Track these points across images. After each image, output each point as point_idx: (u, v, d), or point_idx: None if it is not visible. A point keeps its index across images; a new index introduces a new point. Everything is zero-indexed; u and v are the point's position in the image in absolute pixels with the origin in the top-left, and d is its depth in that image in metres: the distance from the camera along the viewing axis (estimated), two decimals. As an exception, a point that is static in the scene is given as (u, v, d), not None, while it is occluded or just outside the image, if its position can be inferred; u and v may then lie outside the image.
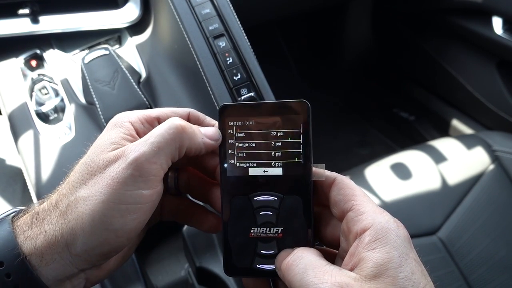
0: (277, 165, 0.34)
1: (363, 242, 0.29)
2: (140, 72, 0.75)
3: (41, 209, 0.33)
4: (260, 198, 0.34)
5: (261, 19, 1.29)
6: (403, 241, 0.29)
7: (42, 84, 0.72)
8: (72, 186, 0.32)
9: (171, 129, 0.32)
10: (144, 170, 0.31)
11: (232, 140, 0.35)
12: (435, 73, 1.41)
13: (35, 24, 0.76)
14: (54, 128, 0.69)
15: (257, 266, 0.34)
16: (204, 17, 0.62)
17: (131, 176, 0.31)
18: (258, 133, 0.35)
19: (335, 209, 0.33)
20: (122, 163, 0.31)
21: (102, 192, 0.30)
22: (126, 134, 0.34)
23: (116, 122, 0.35)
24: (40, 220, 0.32)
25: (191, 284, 0.63)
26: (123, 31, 0.81)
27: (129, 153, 0.31)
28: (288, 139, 0.34)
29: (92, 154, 0.33)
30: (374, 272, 0.27)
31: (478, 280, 0.78)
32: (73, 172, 0.34)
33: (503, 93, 1.18)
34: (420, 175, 0.90)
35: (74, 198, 0.31)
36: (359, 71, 1.74)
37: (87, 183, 0.31)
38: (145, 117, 0.36)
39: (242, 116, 0.35)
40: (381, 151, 1.48)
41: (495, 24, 1.12)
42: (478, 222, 0.83)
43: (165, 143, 0.32)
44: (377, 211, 0.31)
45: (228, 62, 0.59)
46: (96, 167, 0.32)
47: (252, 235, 0.34)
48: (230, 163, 0.35)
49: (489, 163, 0.90)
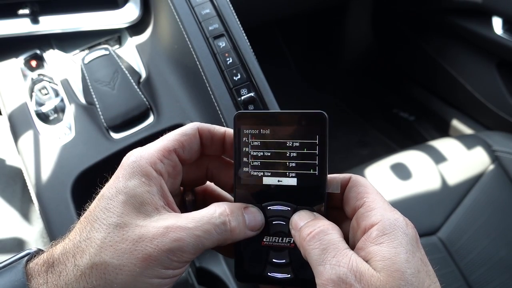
0: (291, 175, 0.34)
1: (371, 237, 0.29)
2: (140, 72, 0.75)
3: (56, 259, 0.30)
4: (274, 207, 0.34)
5: (261, 20, 1.29)
6: (411, 240, 0.29)
7: (42, 84, 0.72)
8: (96, 245, 0.29)
9: (220, 229, 0.31)
10: (183, 257, 0.30)
11: (247, 148, 0.35)
12: (435, 73, 1.41)
13: (35, 24, 0.76)
14: (54, 128, 0.69)
15: (269, 274, 0.34)
16: (204, 17, 0.62)
17: (167, 259, 0.29)
18: (273, 142, 0.34)
19: (347, 206, 0.33)
20: (161, 245, 0.29)
21: (137, 265, 0.29)
22: (155, 189, 0.32)
23: (137, 168, 0.32)
24: (57, 275, 0.29)
25: (191, 284, 0.63)
26: (123, 31, 0.81)
27: (170, 239, 0.29)
28: (304, 150, 0.33)
29: (121, 211, 0.30)
30: (382, 265, 0.28)
31: (478, 280, 0.78)
32: (95, 224, 0.30)
33: (503, 93, 1.18)
34: (420, 175, 0.90)
35: (100, 261, 0.29)
36: (359, 71, 1.74)
37: (116, 248, 0.29)
38: (162, 153, 0.33)
39: (258, 125, 0.34)
40: (381, 151, 1.48)
41: (495, 24, 1.12)
42: (478, 222, 0.83)
43: (210, 242, 0.31)
44: (387, 209, 0.31)
45: (228, 62, 0.59)
46: (129, 236, 0.29)
47: (264, 243, 0.34)
48: (244, 171, 0.35)
49: (489, 163, 0.90)
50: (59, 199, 0.61)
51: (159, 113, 0.69)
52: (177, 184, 0.36)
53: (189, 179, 0.37)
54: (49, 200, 0.62)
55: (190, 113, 0.68)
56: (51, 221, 0.60)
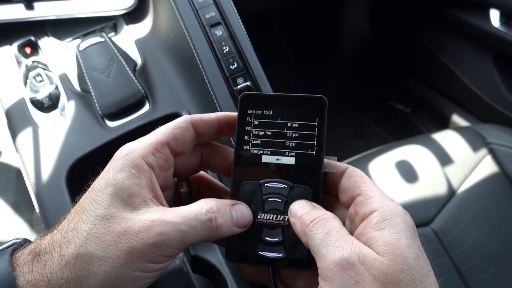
0: (290, 154, 0.35)
1: (371, 222, 0.30)
2: (135, 60, 0.74)
3: (42, 248, 0.30)
4: (270, 184, 0.35)
5: (258, 8, 1.29)
6: (410, 226, 0.30)
7: (36, 71, 0.72)
8: (82, 236, 0.30)
9: (206, 226, 0.32)
10: (167, 251, 0.30)
11: (249, 127, 0.36)
12: (432, 65, 1.41)
13: (30, 10, 0.75)
14: (49, 116, 0.69)
15: (260, 252, 0.34)
16: (201, 5, 0.62)
17: (151, 253, 0.30)
18: (275, 123, 0.36)
19: (344, 195, 0.34)
20: (145, 238, 0.29)
21: (120, 257, 0.29)
22: (144, 181, 0.32)
23: (128, 161, 0.32)
24: (42, 264, 0.30)
25: (185, 273, 0.63)
26: (118, 19, 0.80)
27: (155, 233, 0.30)
28: (303, 131, 0.35)
29: (108, 203, 0.31)
30: (384, 250, 0.28)
31: (470, 271, 0.79)
32: (82, 215, 0.31)
33: (499, 86, 1.18)
34: (414, 166, 0.90)
35: (85, 251, 0.29)
36: (355, 62, 1.74)
37: (101, 239, 0.29)
38: (155, 146, 0.34)
39: (262, 106, 0.36)
40: (376, 142, 1.49)
41: (493, 16, 1.12)
42: (471, 213, 0.84)
43: (195, 238, 0.31)
44: (385, 197, 0.32)
45: (225, 51, 0.59)
46: (115, 228, 0.30)
47: (258, 220, 0.35)
48: (245, 148, 0.36)
49: (483, 156, 0.91)
50: (54, 187, 0.61)
51: (154, 102, 0.69)
52: (169, 177, 0.36)
53: (184, 169, 0.38)
54: (44, 188, 0.62)
55: (186, 102, 0.68)
56: (45, 209, 0.60)
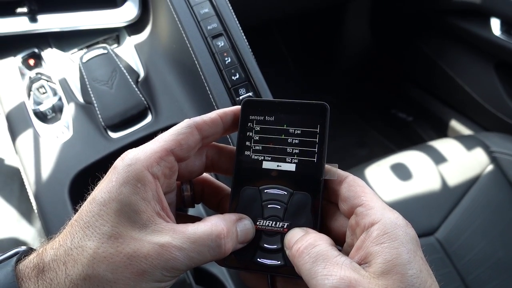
0: (291, 161, 0.35)
1: (371, 236, 0.29)
2: (138, 72, 0.75)
3: (46, 264, 0.29)
4: (271, 191, 0.35)
5: (259, 19, 1.29)
6: (412, 239, 0.29)
7: (40, 83, 0.72)
8: (89, 254, 0.29)
9: (215, 252, 0.31)
10: (175, 273, 0.30)
11: (251, 133, 0.36)
12: (433, 74, 1.41)
13: (33, 23, 0.76)
14: (52, 127, 0.69)
15: (258, 259, 0.34)
16: (203, 17, 0.62)
17: (161, 275, 0.29)
18: (276, 129, 0.36)
19: (344, 205, 0.33)
20: (156, 262, 0.29)
21: (131, 279, 0.29)
22: (150, 195, 0.31)
23: (132, 173, 0.31)
24: (48, 282, 0.29)
25: (188, 284, 0.63)
26: (121, 30, 0.80)
27: (165, 258, 0.29)
28: (305, 138, 0.35)
29: (114, 220, 0.30)
30: (383, 269, 0.27)
31: (476, 281, 0.78)
32: (87, 230, 0.30)
33: (501, 94, 1.18)
34: (418, 175, 0.90)
35: (93, 273, 0.28)
36: (357, 71, 1.74)
37: (110, 260, 0.29)
38: (160, 154, 0.32)
39: (263, 112, 0.36)
40: (379, 151, 1.48)
41: (493, 25, 1.12)
42: (476, 223, 0.83)
43: (202, 262, 0.31)
44: (386, 208, 0.31)
45: (227, 61, 0.59)
46: (123, 249, 0.29)
47: (257, 227, 0.35)
48: (245, 154, 0.36)
49: (486, 164, 0.91)
50: (56, 198, 0.61)
51: (157, 113, 0.69)
52: (172, 183, 0.35)
53: (187, 172, 0.37)
54: (47, 199, 0.62)
55: (188, 113, 0.68)
56: (48, 220, 0.60)
